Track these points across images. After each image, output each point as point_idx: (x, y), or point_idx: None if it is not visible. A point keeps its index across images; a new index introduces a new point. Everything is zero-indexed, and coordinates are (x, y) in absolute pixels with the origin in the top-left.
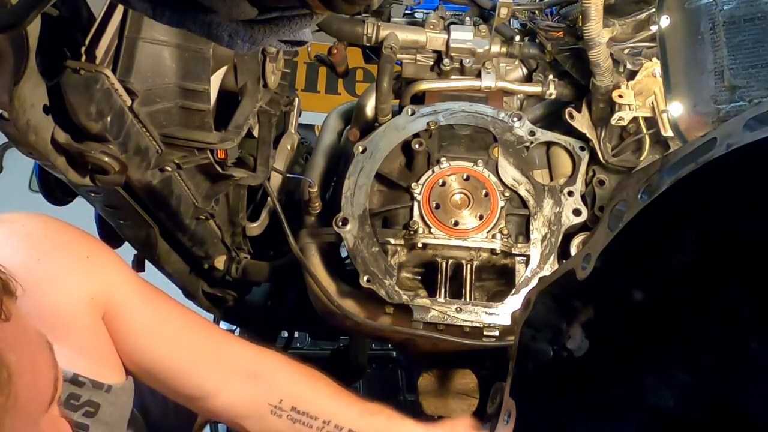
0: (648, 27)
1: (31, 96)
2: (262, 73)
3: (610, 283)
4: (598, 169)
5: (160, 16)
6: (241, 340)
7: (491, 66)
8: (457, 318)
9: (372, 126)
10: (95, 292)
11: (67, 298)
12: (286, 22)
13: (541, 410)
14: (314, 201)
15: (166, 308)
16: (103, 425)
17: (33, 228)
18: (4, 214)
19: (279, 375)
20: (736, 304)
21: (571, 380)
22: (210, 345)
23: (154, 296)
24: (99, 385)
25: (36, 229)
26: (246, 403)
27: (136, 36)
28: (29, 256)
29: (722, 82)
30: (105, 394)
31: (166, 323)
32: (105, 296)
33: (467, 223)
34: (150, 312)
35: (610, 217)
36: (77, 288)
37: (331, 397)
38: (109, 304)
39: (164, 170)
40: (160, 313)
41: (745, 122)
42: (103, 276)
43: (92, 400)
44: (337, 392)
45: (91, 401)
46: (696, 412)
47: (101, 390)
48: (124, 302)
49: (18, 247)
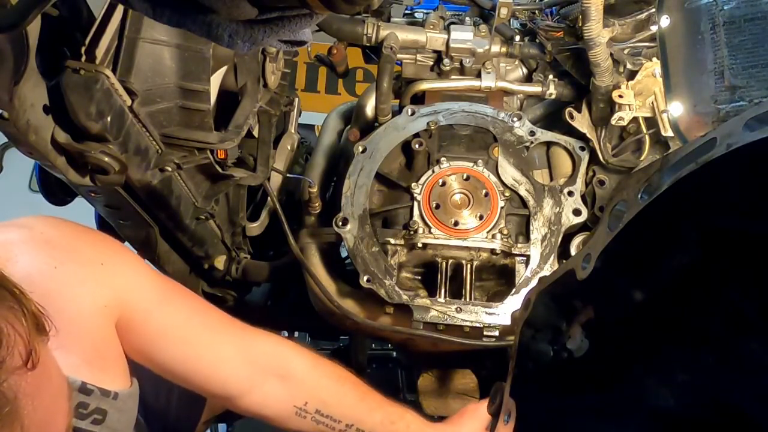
0: (648, 27)
1: (31, 96)
2: (262, 73)
3: (610, 283)
4: (598, 169)
5: (160, 16)
6: (267, 335)
7: (491, 66)
8: (457, 318)
9: (372, 126)
10: (109, 300)
11: (79, 306)
12: (286, 22)
13: (541, 410)
14: (314, 201)
15: (186, 309)
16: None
17: (51, 235)
18: (23, 219)
19: (306, 376)
20: (736, 304)
21: (571, 380)
22: (234, 343)
23: (173, 297)
24: (106, 393)
25: (54, 237)
26: (272, 404)
27: (136, 36)
28: (46, 264)
29: (722, 82)
30: (112, 401)
31: (185, 325)
32: (120, 303)
33: (467, 223)
34: (168, 314)
35: (610, 217)
36: (90, 297)
37: (356, 402)
38: (124, 310)
39: (164, 170)
40: (179, 315)
41: (745, 122)
42: (118, 282)
43: (100, 408)
44: (362, 396)
45: (99, 409)
46: (696, 412)
47: (108, 398)
48: (140, 307)
49: (36, 254)
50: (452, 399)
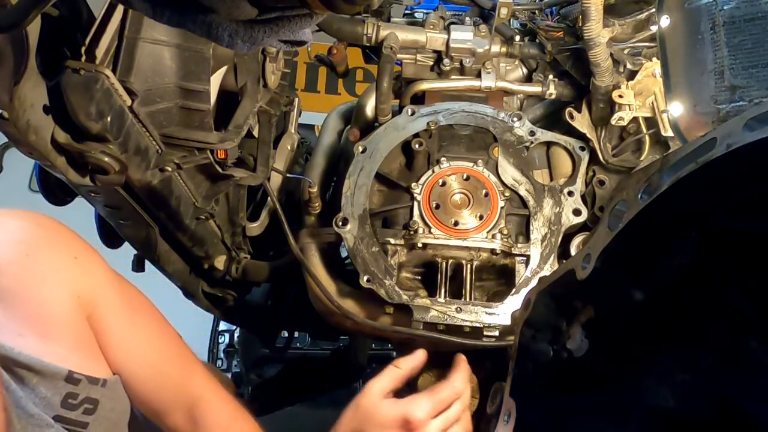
0: (648, 27)
1: (31, 96)
2: (262, 73)
3: (610, 283)
4: (598, 169)
5: (160, 16)
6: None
7: (491, 66)
8: (457, 318)
9: (372, 126)
10: (81, 292)
11: (55, 295)
12: (286, 22)
13: (541, 410)
14: (314, 201)
15: (142, 319)
16: (106, 421)
17: (23, 224)
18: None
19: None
20: (736, 304)
21: (571, 380)
22: (174, 366)
23: (133, 305)
24: (94, 381)
25: (26, 226)
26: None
27: (136, 36)
28: (18, 251)
29: (722, 82)
30: (102, 389)
31: (136, 334)
32: (90, 297)
33: (467, 223)
34: (125, 321)
35: (610, 217)
36: (65, 285)
37: None
38: (93, 306)
39: (164, 170)
40: (134, 323)
41: (745, 122)
42: (90, 278)
43: (90, 397)
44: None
45: (89, 398)
46: (696, 412)
47: (97, 385)
48: (105, 307)
49: (8, 242)
50: None
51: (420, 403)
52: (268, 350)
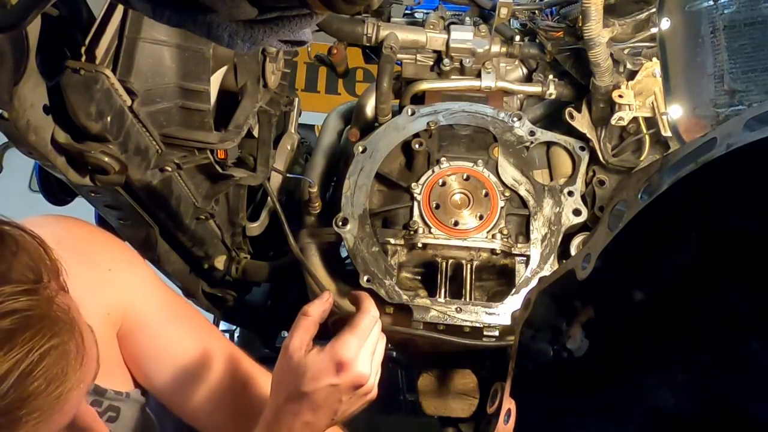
0: (648, 27)
1: (31, 96)
2: (262, 73)
3: (610, 283)
4: (598, 169)
5: (160, 16)
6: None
7: (491, 66)
8: (457, 318)
9: (372, 126)
10: (112, 308)
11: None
12: (286, 22)
13: (541, 410)
14: (314, 201)
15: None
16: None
17: (62, 237)
18: (36, 219)
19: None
20: (736, 304)
21: (571, 380)
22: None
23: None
24: (119, 393)
25: (64, 238)
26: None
27: (136, 36)
28: None
29: (722, 85)
30: (125, 400)
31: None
32: (122, 312)
33: (467, 223)
34: (158, 333)
35: (610, 217)
36: (95, 302)
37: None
38: (125, 320)
39: (164, 170)
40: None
41: (745, 122)
42: (124, 291)
43: (113, 405)
44: None
45: (112, 406)
46: (696, 412)
47: (121, 397)
48: (141, 320)
49: None
50: (452, 399)
51: (347, 342)
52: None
